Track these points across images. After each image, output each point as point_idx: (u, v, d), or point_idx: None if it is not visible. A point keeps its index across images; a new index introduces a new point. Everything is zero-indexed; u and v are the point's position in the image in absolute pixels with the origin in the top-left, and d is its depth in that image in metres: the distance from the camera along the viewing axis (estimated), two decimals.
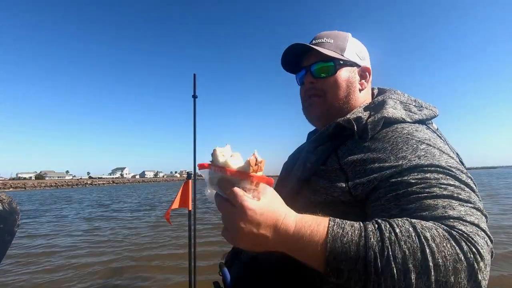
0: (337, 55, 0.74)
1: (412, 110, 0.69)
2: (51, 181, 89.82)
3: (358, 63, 0.77)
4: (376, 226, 0.44)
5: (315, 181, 0.66)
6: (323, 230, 0.45)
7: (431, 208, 0.47)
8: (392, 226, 0.43)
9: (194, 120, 2.63)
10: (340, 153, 0.66)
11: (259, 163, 0.43)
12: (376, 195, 0.54)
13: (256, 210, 0.44)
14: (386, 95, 0.74)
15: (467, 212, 0.46)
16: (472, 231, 0.44)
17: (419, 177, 0.51)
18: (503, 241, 4.71)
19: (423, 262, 0.40)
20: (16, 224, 0.76)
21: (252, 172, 0.43)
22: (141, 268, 4.34)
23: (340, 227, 0.45)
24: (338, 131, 0.69)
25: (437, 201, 0.48)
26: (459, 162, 0.59)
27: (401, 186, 0.52)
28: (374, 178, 0.55)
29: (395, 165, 0.54)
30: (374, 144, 0.61)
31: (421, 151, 0.56)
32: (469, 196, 0.49)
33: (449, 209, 0.46)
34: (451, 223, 0.44)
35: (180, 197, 2.62)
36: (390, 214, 0.50)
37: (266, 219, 0.45)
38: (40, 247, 5.82)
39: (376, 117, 0.64)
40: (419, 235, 0.42)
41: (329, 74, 0.74)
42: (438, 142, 0.60)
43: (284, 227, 0.46)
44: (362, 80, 0.78)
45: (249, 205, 0.43)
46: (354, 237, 0.43)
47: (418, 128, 0.63)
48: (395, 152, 0.57)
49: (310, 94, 0.77)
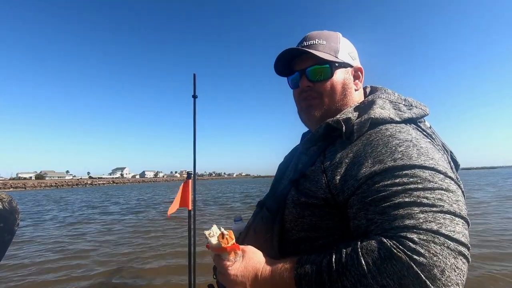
0: (332, 58, 0.73)
1: (401, 109, 0.69)
2: (51, 181, 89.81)
3: (351, 63, 0.77)
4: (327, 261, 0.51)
5: (303, 183, 0.67)
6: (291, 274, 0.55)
7: (390, 219, 0.49)
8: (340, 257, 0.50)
9: (194, 120, 2.63)
10: (327, 154, 0.67)
11: (226, 236, 0.58)
12: (351, 202, 0.56)
13: (238, 274, 0.58)
14: (376, 94, 0.74)
15: (426, 219, 0.47)
16: (426, 239, 0.45)
17: (388, 183, 0.52)
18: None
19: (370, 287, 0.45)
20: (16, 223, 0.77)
21: (224, 245, 0.57)
22: (139, 270, 4.34)
23: (303, 266, 0.54)
24: (328, 131, 0.69)
25: (398, 211, 0.49)
26: (444, 161, 0.58)
27: (369, 194, 0.53)
28: (351, 185, 0.57)
29: (369, 171, 0.55)
30: (356, 146, 0.62)
31: (399, 153, 0.56)
32: (439, 199, 0.49)
33: (407, 218, 0.48)
34: (404, 233, 0.46)
35: (180, 197, 2.61)
36: (360, 223, 0.54)
37: (248, 276, 0.58)
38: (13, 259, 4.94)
39: (363, 118, 0.65)
40: (361, 263, 0.47)
41: (326, 77, 0.73)
42: (421, 142, 0.59)
43: (263, 277, 0.58)
44: (356, 80, 0.78)
45: (230, 273, 0.58)
46: (313, 275, 0.52)
47: (402, 129, 0.62)
48: (374, 155, 0.57)
49: (306, 97, 0.76)
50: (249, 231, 0.79)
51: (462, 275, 0.44)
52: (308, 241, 0.64)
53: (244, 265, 0.59)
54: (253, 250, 0.62)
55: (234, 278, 0.58)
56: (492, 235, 5.16)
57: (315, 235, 0.63)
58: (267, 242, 0.68)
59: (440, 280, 0.42)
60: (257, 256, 0.61)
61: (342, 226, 0.60)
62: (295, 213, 0.65)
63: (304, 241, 0.65)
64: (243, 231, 0.84)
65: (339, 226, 0.60)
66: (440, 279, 0.42)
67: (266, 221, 0.73)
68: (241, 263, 0.59)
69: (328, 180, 0.61)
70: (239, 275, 0.58)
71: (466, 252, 0.46)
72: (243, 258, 0.60)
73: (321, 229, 0.63)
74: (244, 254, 0.61)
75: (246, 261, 0.60)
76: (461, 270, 0.44)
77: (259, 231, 0.74)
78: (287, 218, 0.67)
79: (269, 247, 0.66)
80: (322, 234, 0.63)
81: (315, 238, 0.63)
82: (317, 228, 0.63)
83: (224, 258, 0.59)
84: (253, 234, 0.75)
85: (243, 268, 0.59)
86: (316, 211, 0.62)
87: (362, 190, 0.55)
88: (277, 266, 0.58)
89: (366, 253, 0.47)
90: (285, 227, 0.67)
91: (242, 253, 0.61)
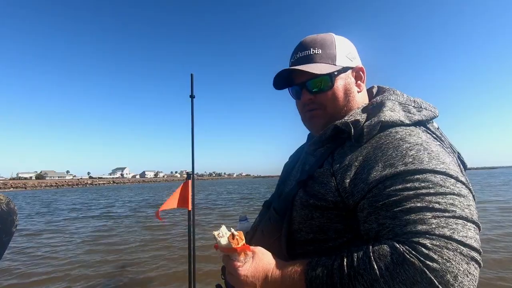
0: (330, 68, 0.70)
1: (411, 111, 0.68)
2: (51, 181, 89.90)
3: (351, 65, 0.74)
4: (338, 265, 0.51)
5: (311, 184, 0.67)
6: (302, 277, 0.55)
7: (402, 224, 0.49)
8: (352, 261, 0.50)
9: (192, 120, 2.63)
10: (336, 156, 0.66)
11: (237, 237, 0.58)
12: (361, 205, 0.56)
13: (248, 275, 0.58)
14: (385, 96, 0.73)
15: (439, 225, 0.47)
16: (439, 244, 0.45)
17: (400, 187, 0.52)
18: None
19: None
20: (14, 225, 0.76)
21: (234, 246, 0.57)
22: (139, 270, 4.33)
23: (314, 269, 0.54)
24: (336, 133, 0.69)
25: (410, 216, 0.49)
26: (455, 165, 0.58)
27: (381, 198, 0.53)
28: (362, 188, 0.56)
29: (380, 175, 0.55)
30: (366, 149, 0.61)
31: (409, 157, 0.55)
32: (451, 204, 0.49)
33: (420, 223, 0.47)
34: (417, 239, 0.46)
35: (179, 197, 2.60)
36: (371, 227, 0.54)
37: (258, 277, 0.58)
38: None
39: (373, 121, 0.64)
40: (373, 267, 0.47)
41: (326, 88, 0.71)
42: (431, 146, 0.58)
43: (273, 278, 0.58)
44: (358, 81, 0.76)
45: (241, 273, 0.58)
46: (324, 278, 0.52)
47: (412, 132, 0.62)
48: (384, 158, 0.57)
49: (310, 108, 0.75)
50: (256, 232, 0.78)
51: (474, 280, 0.44)
52: (317, 243, 0.64)
53: (255, 266, 0.59)
54: (263, 251, 0.62)
55: (244, 279, 0.58)
56: None
57: (324, 237, 0.63)
58: (275, 243, 0.68)
59: (453, 286, 0.42)
60: (267, 257, 0.61)
61: (351, 229, 0.60)
62: (304, 215, 0.65)
63: (313, 243, 0.65)
64: (250, 231, 0.84)
65: (349, 229, 0.60)
66: (453, 284, 0.42)
67: (274, 222, 0.73)
68: (251, 264, 0.59)
69: (337, 183, 0.61)
70: (249, 276, 0.58)
71: (478, 257, 0.46)
72: (253, 259, 0.59)
73: (330, 231, 0.62)
74: (254, 255, 0.60)
75: (256, 262, 0.59)
76: (473, 276, 0.44)
77: (266, 232, 0.73)
78: (295, 219, 0.67)
79: (277, 248, 0.66)
80: (331, 236, 0.63)
81: (324, 240, 0.63)
82: (326, 230, 0.63)
83: (234, 258, 0.59)
84: (260, 235, 0.75)
85: (254, 269, 0.58)
86: (325, 213, 0.62)
87: (373, 194, 0.54)
88: (287, 268, 0.58)
89: (379, 258, 0.47)
90: (293, 228, 0.68)
91: (252, 254, 0.60)
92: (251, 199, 15.86)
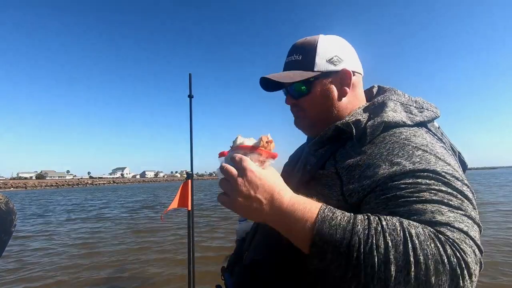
0: (306, 74, 0.70)
1: (412, 112, 0.68)
2: (51, 180, 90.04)
3: (333, 69, 0.71)
4: (365, 217, 0.46)
5: (314, 185, 0.66)
6: (315, 210, 0.48)
7: (419, 212, 0.47)
8: (380, 219, 0.45)
9: (191, 120, 2.62)
10: (338, 156, 0.66)
11: (269, 142, 0.51)
12: (368, 199, 0.55)
13: (257, 174, 0.49)
14: (386, 96, 0.73)
15: (456, 219, 0.46)
16: (460, 237, 0.44)
17: (410, 181, 0.51)
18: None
19: (404, 255, 0.41)
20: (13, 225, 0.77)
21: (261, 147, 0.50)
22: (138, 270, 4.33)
23: (331, 211, 0.48)
24: (337, 134, 0.69)
25: (426, 205, 0.47)
26: (458, 166, 0.58)
27: (391, 190, 0.52)
28: (368, 184, 0.55)
29: (388, 171, 0.54)
30: (371, 149, 0.61)
31: (417, 157, 0.55)
32: (460, 203, 0.48)
33: (438, 214, 0.46)
34: (438, 228, 0.45)
35: (179, 197, 2.60)
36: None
37: (264, 184, 0.49)
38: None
39: (376, 121, 0.63)
40: (404, 230, 0.43)
41: (305, 93, 0.73)
42: (436, 147, 0.58)
43: (280, 198, 0.50)
44: (344, 86, 0.73)
45: (251, 168, 0.49)
46: (343, 222, 0.46)
47: (416, 133, 0.62)
48: (390, 157, 0.56)
49: (294, 111, 0.79)
50: (258, 232, 0.77)
51: (475, 282, 0.44)
52: None
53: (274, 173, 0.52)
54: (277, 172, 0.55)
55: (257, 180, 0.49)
56: None
57: None
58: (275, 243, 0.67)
59: (467, 281, 0.42)
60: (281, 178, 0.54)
61: None
62: None
63: None
64: (250, 231, 0.83)
65: None
66: (467, 280, 0.42)
67: None
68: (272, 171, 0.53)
69: (342, 184, 0.60)
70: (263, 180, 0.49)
71: (482, 260, 0.46)
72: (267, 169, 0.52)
73: None
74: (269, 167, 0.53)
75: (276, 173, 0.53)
76: (476, 277, 0.44)
77: (266, 232, 0.72)
78: None
79: None
80: None
81: None
82: None
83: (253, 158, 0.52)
84: (260, 235, 0.75)
85: (272, 175, 0.51)
86: None
87: (381, 188, 0.53)
88: (300, 198, 0.51)
89: (409, 225, 0.44)
90: None
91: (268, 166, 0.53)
92: None
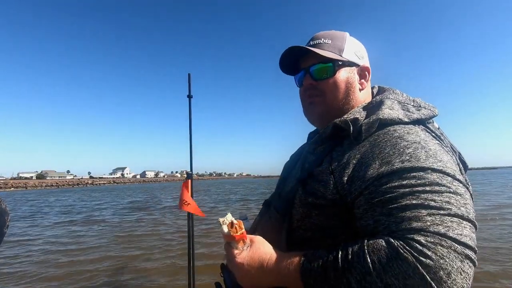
0: (335, 56, 0.73)
1: (410, 110, 0.69)
2: (52, 180, 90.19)
3: (357, 62, 0.76)
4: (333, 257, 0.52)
5: (311, 183, 0.67)
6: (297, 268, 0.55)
7: (397, 221, 0.49)
8: (346, 254, 0.50)
9: (190, 120, 2.62)
10: (334, 154, 0.67)
11: (236, 226, 0.60)
12: (357, 202, 0.57)
13: (244, 262, 0.59)
14: (385, 95, 0.74)
15: (434, 222, 0.47)
16: (433, 241, 0.45)
17: (396, 184, 0.52)
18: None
19: (374, 285, 0.45)
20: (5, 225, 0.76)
21: (233, 234, 0.59)
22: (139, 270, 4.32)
23: (309, 262, 0.54)
24: (336, 132, 0.69)
25: (405, 213, 0.49)
26: (453, 164, 0.58)
27: (377, 195, 0.53)
28: (359, 186, 0.57)
29: (376, 172, 0.55)
30: (364, 147, 0.62)
31: (407, 155, 0.55)
32: (447, 202, 0.49)
33: (414, 220, 0.48)
34: (411, 235, 0.46)
35: (184, 195, 2.61)
36: (367, 223, 0.55)
37: (253, 266, 0.59)
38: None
39: (371, 119, 0.65)
40: (366, 260, 0.47)
41: (328, 76, 0.74)
42: (429, 144, 0.59)
43: (269, 267, 0.58)
44: (362, 79, 0.78)
45: (237, 260, 0.60)
46: (319, 269, 0.52)
47: (410, 130, 0.62)
48: (381, 156, 0.57)
49: (310, 95, 0.77)
50: (256, 230, 0.79)
51: (468, 279, 0.44)
52: (315, 241, 0.65)
53: (251, 255, 0.60)
54: (261, 240, 0.63)
55: (240, 266, 0.59)
56: None
57: (322, 235, 0.64)
58: (274, 241, 0.68)
59: (446, 283, 0.43)
60: (264, 247, 0.62)
61: (349, 227, 0.60)
62: (302, 213, 0.66)
63: (311, 241, 0.66)
64: (250, 230, 0.85)
65: (346, 226, 0.61)
66: (446, 281, 0.42)
67: (274, 221, 0.74)
68: (248, 252, 0.61)
69: (336, 181, 0.61)
70: (245, 264, 0.59)
71: (473, 255, 0.46)
72: (250, 247, 0.61)
73: (327, 229, 0.63)
74: (252, 244, 0.62)
75: (253, 251, 0.61)
76: (467, 274, 0.44)
77: (267, 230, 0.74)
78: (294, 217, 0.68)
79: (277, 246, 0.67)
80: (328, 234, 0.63)
81: (322, 238, 0.64)
82: (324, 228, 0.64)
83: (233, 246, 0.62)
84: (261, 234, 0.75)
85: (249, 257, 0.60)
86: (323, 212, 0.63)
87: (369, 191, 0.55)
88: (284, 258, 0.59)
89: (373, 252, 0.47)
90: (292, 226, 0.69)
91: (250, 243, 0.62)
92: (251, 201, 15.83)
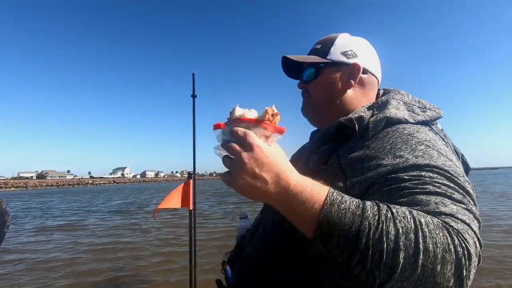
0: (318, 59, 0.77)
1: (415, 111, 0.69)
2: (52, 180, 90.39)
3: (345, 61, 0.76)
4: (374, 204, 0.45)
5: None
6: (323, 192, 0.45)
7: (423, 203, 0.47)
8: (389, 206, 0.44)
9: (194, 120, 2.62)
10: (340, 152, 0.67)
11: (275, 115, 0.47)
12: (371, 191, 0.54)
13: (263, 150, 0.45)
14: (390, 95, 0.75)
15: (459, 211, 0.46)
16: (463, 228, 0.44)
17: (414, 174, 0.51)
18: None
19: (414, 243, 0.40)
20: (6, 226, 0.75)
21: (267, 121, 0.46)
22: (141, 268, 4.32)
23: (340, 195, 0.46)
24: (340, 130, 0.70)
25: (429, 197, 0.47)
26: (460, 165, 0.59)
27: (395, 181, 0.52)
28: (371, 176, 0.55)
29: (391, 164, 0.54)
30: (374, 143, 0.62)
31: (420, 151, 0.56)
32: (462, 198, 0.49)
33: (441, 205, 0.46)
34: (442, 218, 0.44)
35: (181, 197, 2.60)
36: None
37: (271, 163, 0.45)
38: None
39: (378, 117, 0.65)
40: (414, 218, 0.42)
41: (312, 78, 0.79)
42: (439, 144, 0.60)
43: (286, 177, 0.46)
44: (350, 79, 0.77)
45: (258, 143, 0.45)
46: (352, 206, 0.43)
47: (419, 129, 0.63)
48: (393, 151, 0.57)
49: (303, 96, 0.84)
50: (258, 228, 0.78)
51: (473, 274, 0.43)
52: None
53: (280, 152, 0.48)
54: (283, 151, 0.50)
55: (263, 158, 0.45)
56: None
57: None
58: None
59: (469, 271, 0.42)
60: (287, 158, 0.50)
61: None
62: None
63: None
64: (250, 229, 0.84)
65: None
66: (469, 269, 0.41)
67: (276, 219, 0.72)
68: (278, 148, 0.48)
69: (346, 178, 0.60)
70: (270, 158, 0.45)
71: (481, 253, 0.46)
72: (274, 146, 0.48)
73: None
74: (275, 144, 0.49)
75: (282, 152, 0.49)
76: (475, 269, 0.43)
77: (268, 229, 0.73)
78: None
79: None
80: None
81: None
82: None
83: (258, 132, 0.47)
84: (262, 232, 0.75)
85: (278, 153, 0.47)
86: None
87: (384, 179, 0.53)
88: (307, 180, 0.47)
89: (418, 214, 0.43)
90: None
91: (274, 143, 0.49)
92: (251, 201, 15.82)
